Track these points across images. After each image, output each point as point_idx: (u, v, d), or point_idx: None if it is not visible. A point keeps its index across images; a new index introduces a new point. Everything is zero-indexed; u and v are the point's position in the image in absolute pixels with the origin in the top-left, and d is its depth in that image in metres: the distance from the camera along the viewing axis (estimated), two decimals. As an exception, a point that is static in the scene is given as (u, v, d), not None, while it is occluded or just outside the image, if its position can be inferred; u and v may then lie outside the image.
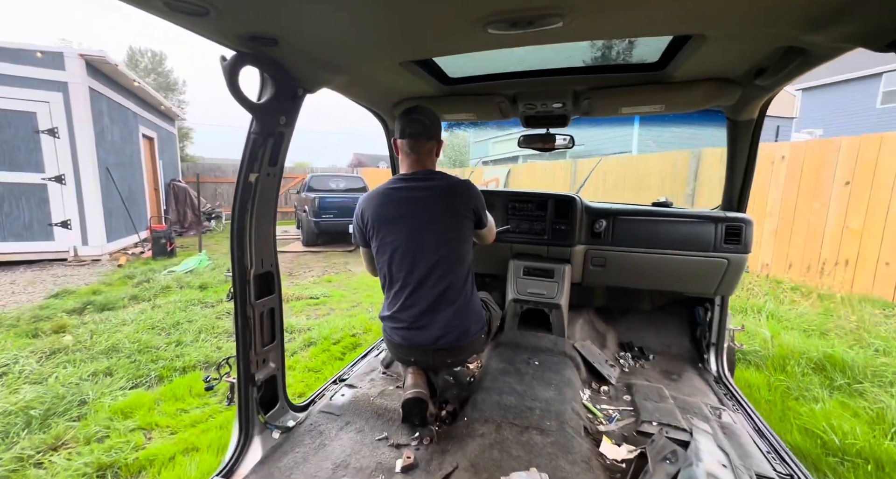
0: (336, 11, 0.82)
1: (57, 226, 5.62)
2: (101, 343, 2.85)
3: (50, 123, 5.42)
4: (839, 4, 0.76)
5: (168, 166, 10.12)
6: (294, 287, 4.86)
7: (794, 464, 1.27)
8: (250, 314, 1.22)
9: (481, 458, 1.15)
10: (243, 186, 1.15)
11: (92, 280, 4.82)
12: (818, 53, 1.01)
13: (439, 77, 1.52)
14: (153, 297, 4.11)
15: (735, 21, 0.88)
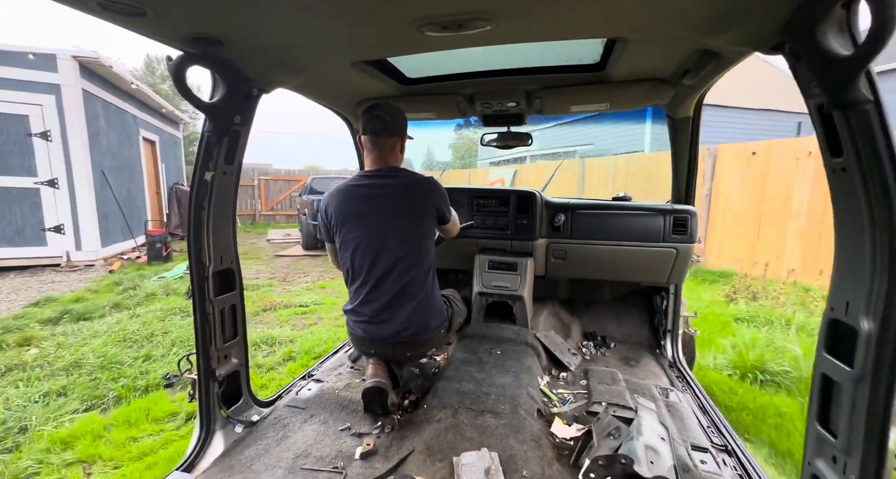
0: (278, 14, 0.83)
1: (50, 231, 5.53)
2: (65, 358, 2.65)
3: (42, 126, 5.33)
4: (728, 11, 0.83)
5: (171, 170, 10.09)
6: (285, 294, 4.65)
7: (730, 436, 1.36)
8: (209, 310, 1.24)
9: (436, 441, 1.19)
10: (198, 184, 1.17)
11: (79, 287, 4.69)
12: (726, 56, 1.10)
13: (398, 77, 1.55)
14: (135, 305, 3.93)
15: (647, 26, 0.95)
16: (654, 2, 0.83)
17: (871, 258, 0.69)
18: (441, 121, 2.05)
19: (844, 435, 0.75)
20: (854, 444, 0.73)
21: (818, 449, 0.82)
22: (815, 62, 0.71)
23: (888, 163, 0.65)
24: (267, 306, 4.09)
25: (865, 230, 0.70)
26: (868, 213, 0.69)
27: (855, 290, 0.73)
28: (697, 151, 1.88)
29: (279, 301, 4.24)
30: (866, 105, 0.66)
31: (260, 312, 3.93)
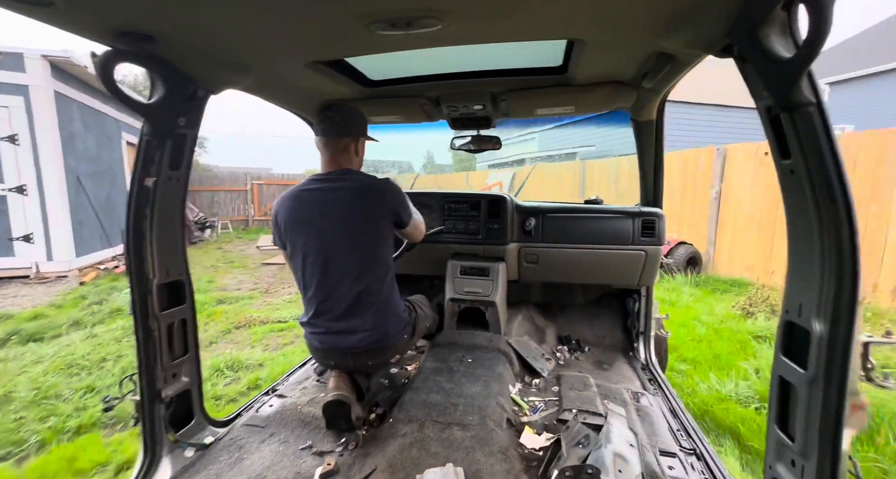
0: (214, 10, 0.79)
1: (18, 240, 5.22)
2: None
3: (10, 129, 5.04)
4: (678, 13, 0.84)
5: (159, 175, 9.78)
6: (264, 308, 4.31)
7: (699, 439, 1.35)
8: (154, 327, 1.16)
9: (399, 458, 1.15)
10: (138, 190, 1.09)
11: (43, 301, 4.36)
12: (681, 59, 1.11)
13: (360, 79, 1.50)
14: (96, 323, 3.61)
15: (602, 27, 0.95)
16: (606, 3, 0.82)
17: (820, 260, 0.70)
18: (429, 124, 1.95)
19: (801, 438, 0.75)
20: (810, 447, 0.73)
21: (777, 453, 0.82)
22: (761, 64, 0.71)
23: (831, 165, 0.66)
24: (241, 322, 3.76)
25: (814, 232, 0.70)
26: (816, 214, 0.69)
27: (807, 292, 0.73)
28: (662, 153, 1.89)
29: (256, 316, 3.91)
30: (809, 107, 0.66)
31: (232, 329, 3.60)
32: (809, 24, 0.59)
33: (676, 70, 1.20)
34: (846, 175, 0.66)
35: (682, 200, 6.04)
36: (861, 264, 0.66)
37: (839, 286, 0.67)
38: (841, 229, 0.66)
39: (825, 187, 0.67)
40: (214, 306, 4.29)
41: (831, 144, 0.66)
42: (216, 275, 5.92)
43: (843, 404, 0.68)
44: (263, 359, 2.93)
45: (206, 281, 5.43)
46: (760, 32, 0.69)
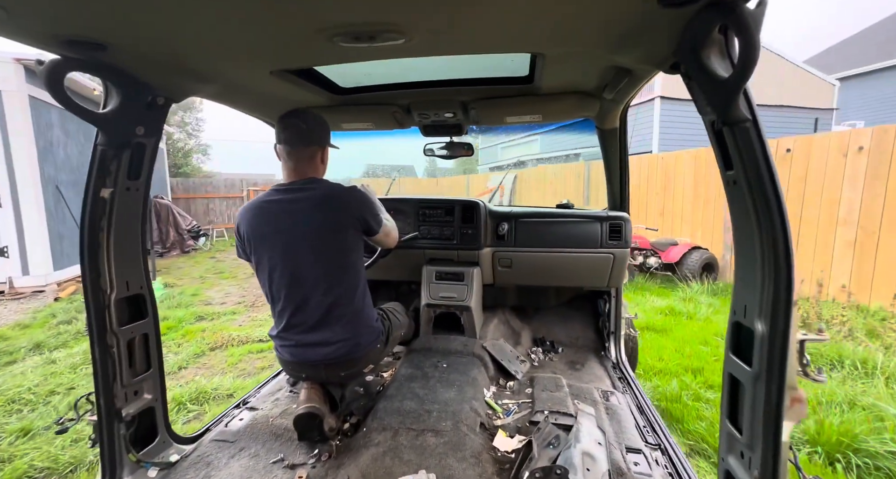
0: (166, 18, 0.76)
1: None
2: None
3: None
4: (628, 32, 0.87)
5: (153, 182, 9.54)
6: (247, 324, 3.99)
7: (663, 434, 1.39)
8: (112, 343, 1.12)
9: (373, 467, 1.14)
10: (92, 202, 1.04)
11: (10, 320, 4.07)
12: (637, 73, 1.16)
13: (330, 87, 1.51)
14: (59, 346, 3.30)
15: (560, 42, 0.97)
16: (561, 20, 0.84)
17: (761, 264, 0.74)
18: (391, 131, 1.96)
19: (748, 431, 0.79)
20: (755, 439, 0.77)
21: (729, 446, 0.86)
22: (703, 83, 0.75)
23: (766, 176, 0.71)
24: (218, 342, 3.43)
25: (755, 238, 0.75)
26: (756, 222, 0.74)
27: (750, 294, 0.78)
28: (627, 160, 1.98)
29: (235, 335, 3.58)
30: (746, 123, 0.72)
31: (206, 351, 3.28)
32: (739, 48, 0.65)
33: (634, 83, 1.24)
34: (780, 186, 0.71)
35: (695, 202, 5.68)
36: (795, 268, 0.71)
37: (776, 289, 0.72)
38: (776, 236, 0.71)
39: (762, 197, 0.72)
40: (192, 324, 3.97)
41: (766, 157, 0.71)
42: (203, 287, 5.62)
43: (782, 397, 0.72)
44: (235, 388, 2.61)
45: (190, 294, 5.13)
46: (702, 53, 0.73)
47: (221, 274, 6.54)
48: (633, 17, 0.80)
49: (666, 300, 4.38)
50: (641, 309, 4.20)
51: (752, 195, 0.73)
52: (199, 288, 5.56)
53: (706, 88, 0.75)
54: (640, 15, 0.79)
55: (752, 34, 0.62)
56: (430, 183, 14.95)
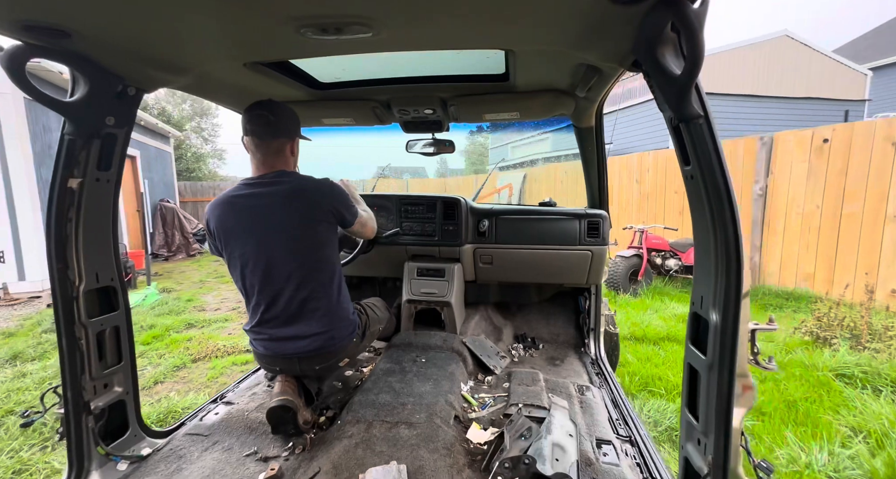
0: (130, 6, 0.75)
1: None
2: None
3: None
4: (589, 29, 0.88)
5: (158, 186, 9.55)
6: (237, 333, 3.78)
7: (635, 426, 1.41)
8: (80, 335, 1.10)
9: (344, 458, 1.15)
10: (59, 192, 1.03)
11: (1, 328, 3.95)
12: (605, 71, 1.19)
13: (308, 82, 1.51)
14: (36, 358, 3.13)
15: (527, 39, 0.98)
16: (523, 17, 0.85)
17: (715, 257, 0.77)
18: None
19: (703, 419, 0.82)
20: (709, 426, 0.79)
21: (687, 434, 0.88)
22: (660, 79, 0.77)
23: (718, 172, 0.73)
24: (203, 353, 3.22)
25: (710, 232, 0.77)
26: (710, 216, 0.76)
27: (706, 285, 0.80)
28: (605, 157, 1.99)
29: (222, 345, 3.37)
30: (699, 119, 0.74)
31: (188, 363, 3.06)
32: (686, 45, 0.69)
33: (603, 81, 1.27)
34: (731, 181, 0.73)
35: (719, 199, 5.26)
36: (745, 260, 0.74)
37: (728, 281, 0.75)
38: (728, 230, 0.74)
39: (716, 192, 0.74)
40: (181, 332, 3.78)
41: (717, 152, 0.73)
42: (200, 292, 5.47)
43: (732, 385, 0.75)
44: (209, 407, 2.37)
45: (185, 300, 4.97)
46: (657, 51, 0.76)
47: (222, 278, 6.39)
48: (590, 14, 0.81)
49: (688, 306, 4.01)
50: (660, 316, 3.82)
51: (706, 190, 0.76)
52: (197, 293, 5.40)
53: (662, 85, 0.77)
54: (596, 13, 0.80)
55: (695, 31, 0.64)
56: (439, 183, 14.70)
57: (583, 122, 1.82)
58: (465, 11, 0.81)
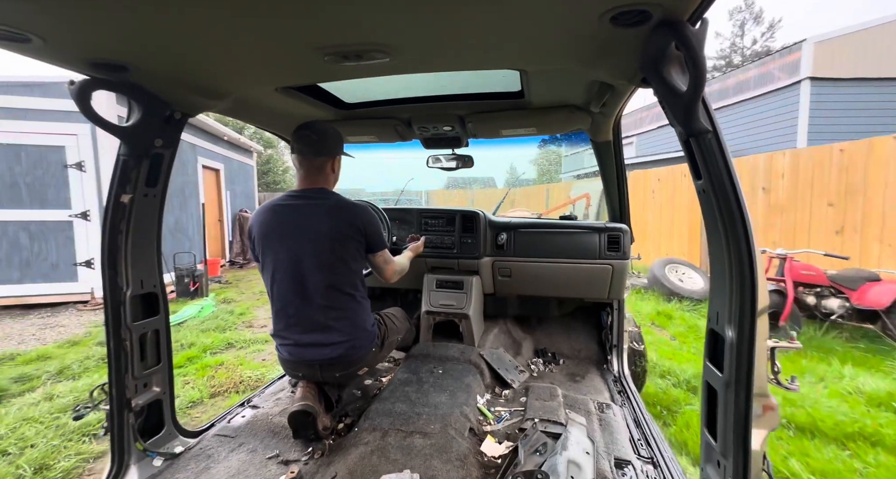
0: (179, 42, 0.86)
1: (81, 266, 5.28)
2: None
3: (78, 156, 5.17)
4: (596, 48, 0.90)
5: (240, 197, 10.20)
6: (272, 359, 3.40)
7: (659, 448, 1.37)
8: (125, 336, 1.22)
9: (360, 465, 1.19)
10: (114, 206, 1.17)
11: (71, 334, 4.10)
12: (618, 88, 1.21)
13: (335, 103, 1.62)
14: (79, 374, 3.04)
15: (538, 59, 1.01)
16: (531, 40, 0.88)
17: (729, 271, 0.77)
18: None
19: (722, 439, 0.80)
20: (728, 447, 0.77)
21: (707, 455, 0.86)
22: (666, 96, 0.80)
23: (729, 186, 0.74)
24: (226, 385, 2.84)
25: (724, 247, 0.78)
26: (723, 230, 0.77)
27: (721, 301, 0.80)
28: (624, 171, 2.00)
29: (248, 376, 2.98)
30: (707, 135, 0.76)
31: (206, 398, 2.69)
32: (688, 65, 0.70)
33: (617, 96, 1.30)
34: (742, 196, 0.74)
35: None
36: (760, 276, 0.73)
37: (742, 296, 0.74)
38: (741, 245, 0.74)
39: (727, 207, 0.76)
40: (216, 354, 3.52)
41: (727, 167, 0.75)
42: (255, 305, 5.37)
43: (750, 404, 0.73)
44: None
45: (238, 313, 4.85)
46: (663, 69, 0.78)
47: (281, 290, 6.33)
48: (595, 36, 0.83)
49: (879, 379, 2.65)
50: (833, 391, 2.55)
51: (718, 204, 0.77)
52: (251, 306, 5.31)
53: (669, 101, 0.79)
54: (601, 35, 0.82)
55: (696, 51, 0.68)
56: (501, 195, 13.84)
57: (600, 136, 1.79)
58: (475, 37, 0.86)
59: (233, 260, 9.19)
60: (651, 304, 4.87)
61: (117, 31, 0.79)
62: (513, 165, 37.88)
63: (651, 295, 5.22)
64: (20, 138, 4.98)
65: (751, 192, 5.25)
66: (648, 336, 3.79)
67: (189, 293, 5.72)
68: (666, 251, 6.86)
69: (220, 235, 9.11)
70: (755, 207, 5.19)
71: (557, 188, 11.89)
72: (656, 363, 3.04)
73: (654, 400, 2.48)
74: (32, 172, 5.08)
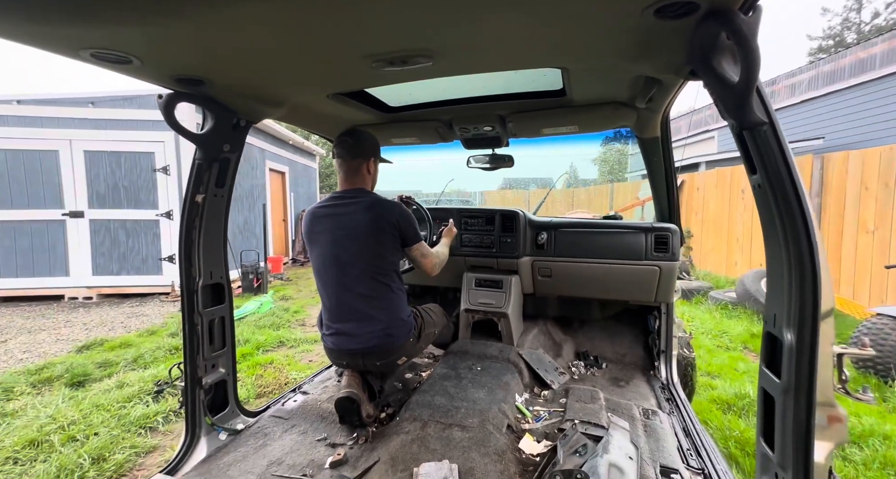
0: (246, 58, 0.98)
1: (164, 260, 5.85)
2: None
3: (164, 161, 5.72)
4: (640, 42, 0.89)
5: (303, 198, 10.79)
6: (319, 359, 3.41)
7: (711, 459, 1.31)
8: (197, 322, 1.36)
9: (401, 452, 1.25)
10: (190, 205, 1.31)
11: (152, 323, 4.52)
12: (665, 82, 1.20)
13: (379, 106, 1.69)
14: (149, 363, 3.28)
15: (579, 56, 1.01)
16: (573, 37, 0.88)
17: (788, 271, 0.74)
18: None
19: (779, 450, 0.77)
20: (787, 458, 0.74)
21: (763, 467, 0.83)
22: (717, 88, 0.77)
23: (788, 181, 0.72)
24: (272, 386, 2.88)
25: (781, 245, 0.75)
26: (781, 227, 0.75)
27: (779, 302, 0.77)
28: (673, 169, 1.92)
29: (294, 377, 3.00)
30: (763, 127, 0.73)
31: (252, 398, 2.72)
32: (740, 55, 0.68)
33: (665, 91, 1.27)
34: (802, 191, 0.71)
35: None
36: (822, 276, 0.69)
37: (802, 297, 0.71)
38: (801, 243, 0.71)
39: (785, 203, 0.73)
40: (268, 352, 3.62)
41: (786, 160, 0.72)
42: (310, 303, 5.55)
43: (812, 413, 0.69)
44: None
45: (293, 311, 5.03)
46: (712, 60, 0.76)
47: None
48: (639, 30, 0.82)
49: None
50: None
51: (775, 199, 0.74)
52: (306, 304, 5.49)
53: (721, 93, 0.77)
54: (645, 28, 0.80)
55: (748, 40, 0.65)
56: (565, 196, 13.09)
57: (646, 132, 1.75)
58: (517, 37, 0.88)
59: (295, 258, 9.74)
60: (743, 323, 4.17)
61: (198, 50, 0.91)
62: (573, 165, 36.12)
63: (741, 312, 4.48)
64: (120, 146, 5.64)
65: (860, 193, 4.28)
66: (741, 364, 3.20)
67: (252, 289, 6.09)
68: (760, 261, 5.91)
69: (284, 235, 9.70)
70: (866, 210, 4.22)
71: (623, 188, 10.97)
72: (753, 400, 2.52)
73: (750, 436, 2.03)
74: (129, 175, 5.73)
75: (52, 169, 5.53)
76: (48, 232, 5.61)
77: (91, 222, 5.69)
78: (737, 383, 2.80)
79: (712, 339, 3.84)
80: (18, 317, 4.81)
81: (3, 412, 2.46)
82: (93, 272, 5.73)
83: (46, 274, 5.63)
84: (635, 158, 17.07)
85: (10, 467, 1.92)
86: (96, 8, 0.71)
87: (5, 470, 1.89)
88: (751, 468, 1.91)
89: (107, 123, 5.59)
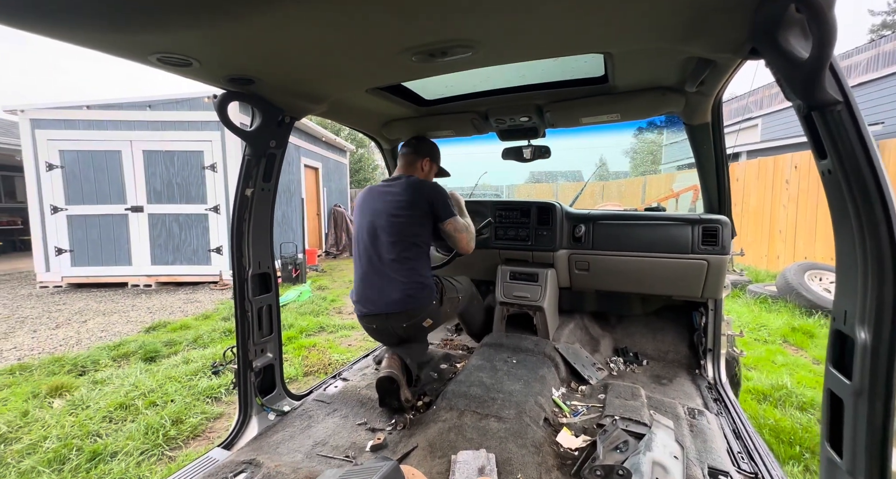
0: (292, 57, 1.02)
1: (213, 252, 6.31)
2: (36, 431, 2.19)
3: (212, 159, 6.14)
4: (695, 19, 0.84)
5: (335, 193, 11.18)
6: (358, 344, 3.64)
7: (764, 463, 1.26)
8: (248, 309, 1.44)
9: (438, 439, 1.28)
10: (240, 199, 1.39)
11: (205, 309, 4.92)
12: (720, 63, 1.13)
13: (415, 100, 1.74)
14: (209, 343, 3.62)
15: (624, 39, 0.97)
16: (621, 18, 0.84)
17: (862, 263, 0.69)
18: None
19: (849, 456, 0.73)
20: (858, 465, 0.70)
21: (828, 472, 0.79)
22: (783, 66, 0.72)
23: (865, 165, 0.66)
24: (316, 366, 3.12)
25: (855, 236, 0.70)
26: (855, 216, 0.69)
27: (851, 297, 0.72)
28: (724, 157, 1.82)
29: (336, 359, 3.23)
30: (837, 106, 0.68)
31: (300, 376, 2.98)
32: (812, 27, 0.63)
33: (718, 73, 1.20)
34: (884, 177, 0.65)
35: None
36: None
37: (880, 292, 0.66)
38: (880, 233, 0.66)
39: (862, 190, 0.67)
40: (311, 336, 3.89)
41: (864, 143, 0.66)
42: (344, 293, 5.83)
43: (890, 417, 0.66)
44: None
45: (330, 300, 5.31)
46: (779, 35, 0.71)
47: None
48: (696, 6, 0.79)
49: None
50: None
51: (849, 186, 0.69)
52: (342, 293, 5.77)
53: (787, 71, 0.72)
54: (703, 4, 0.77)
55: (823, 12, 0.60)
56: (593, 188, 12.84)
57: (696, 119, 1.68)
58: (558, 23, 0.84)
59: (328, 251, 10.15)
60: (783, 317, 4.06)
61: (249, 51, 0.96)
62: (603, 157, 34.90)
63: (782, 306, 4.35)
64: (174, 146, 6.10)
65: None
66: (780, 357, 3.15)
67: (291, 279, 6.46)
68: (804, 254, 5.65)
69: (318, 228, 10.11)
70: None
71: (656, 180, 10.66)
72: (791, 391, 2.50)
73: (790, 438, 2.04)
74: (181, 173, 6.19)
75: (115, 167, 6.08)
76: (114, 225, 6.18)
77: (149, 216, 6.22)
78: (773, 376, 2.77)
79: (750, 332, 3.77)
80: (92, 301, 5.37)
81: (95, 380, 2.83)
82: (151, 262, 6.27)
83: (113, 263, 6.22)
84: (669, 148, 16.41)
85: (107, 425, 2.24)
86: (168, 15, 0.75)
87: (104, 427, 2.21)
88: (785, 454, 1.94)
89: (162, 124, 6.06)
